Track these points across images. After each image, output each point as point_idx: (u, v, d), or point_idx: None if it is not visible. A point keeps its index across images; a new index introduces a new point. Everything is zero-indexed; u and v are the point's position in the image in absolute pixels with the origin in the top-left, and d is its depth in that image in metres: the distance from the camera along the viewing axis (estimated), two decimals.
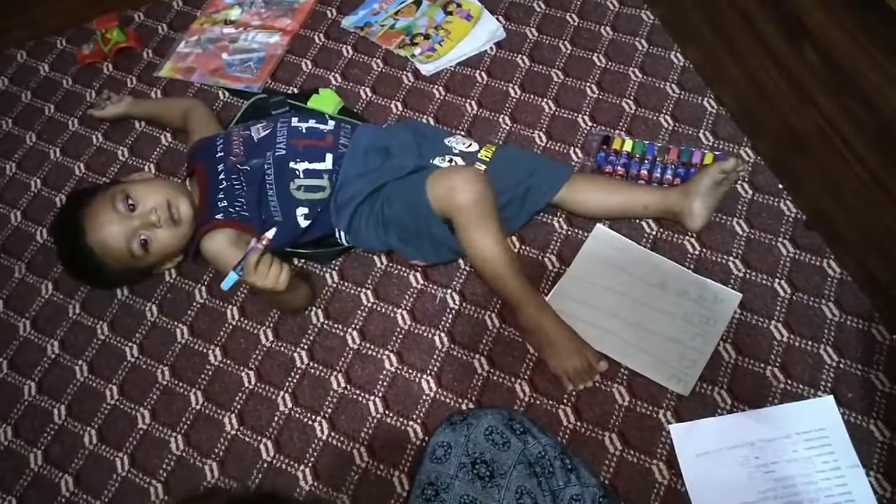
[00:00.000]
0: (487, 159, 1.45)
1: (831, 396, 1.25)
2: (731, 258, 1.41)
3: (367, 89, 1.73)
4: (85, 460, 1.38)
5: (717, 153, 1.49)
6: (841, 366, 1.28)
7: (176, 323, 1.49)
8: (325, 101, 1.66)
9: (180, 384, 1.42)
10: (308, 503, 0.52)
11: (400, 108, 1.69)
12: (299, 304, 1.43)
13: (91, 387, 1.45)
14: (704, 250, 1.42)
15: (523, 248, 1.47)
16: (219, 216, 1.41)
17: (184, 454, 1.36)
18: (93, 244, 1.38)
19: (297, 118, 1.49)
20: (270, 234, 1.23)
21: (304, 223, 1.44)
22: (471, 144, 1.48)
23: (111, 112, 1.72)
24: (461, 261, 1.46)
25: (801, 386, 1.28)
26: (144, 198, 1.40)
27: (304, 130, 1.47)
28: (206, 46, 1.86)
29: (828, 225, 1.39)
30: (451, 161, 1.44)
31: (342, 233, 1.45)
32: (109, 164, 1.71)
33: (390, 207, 1.39)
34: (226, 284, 1.24)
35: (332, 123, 1.50)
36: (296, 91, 1.75)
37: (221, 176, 1.44)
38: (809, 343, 1.31)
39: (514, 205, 1.43)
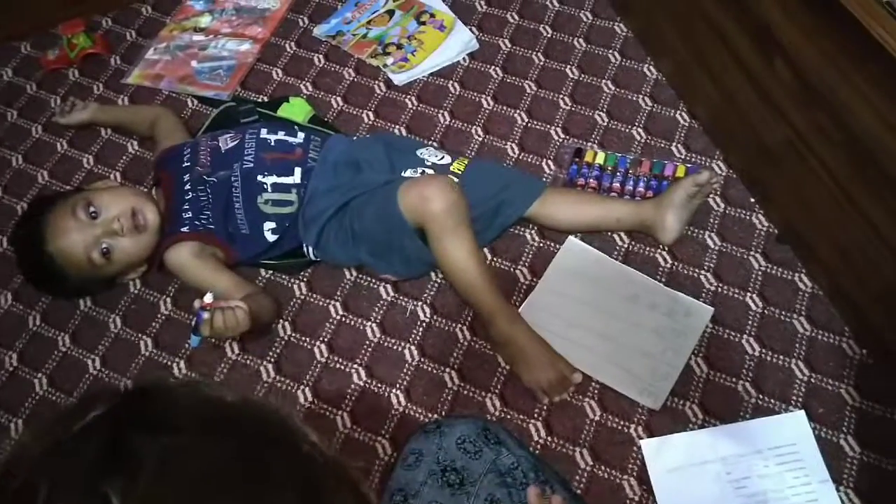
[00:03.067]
0: (460, 172, 1.43)
1: (802, 411, 1.25)
2: (702, 272, 1.40)
3: (339, 98, 1.71)
4: None
5: (689, 166, 1.49)
6: (812, 380, 1.28)
7: (140, 335, 1.45)
8: (296, 109, 1.64)
9: None
10: (181, 385, 0.49)
11: (372, 118, 1.67)
12: (266, 321, 1.40)
13: (51, 400, 1.41)
14: (676, 263, 1.41)
15: (495, 259, 1.45)
16: (184, 228, 1.39)
17: None
18: (53, 252, 1.35)
19: (265, 130, 1.47)
20: (208, 297, 1.22)
21: (271, 237, 1.41)
22: (443, 157, 1.46)
23: (76, 119, 1.69)
24: (432, 274, 1.44)
25: (772, 401, 1.27)
26: (108, 205, 1.37)
27: (272, 143, 1.45)
28: (175, 53, 1.83)
29: (799, 239, 1.39)
30: (422, 174, 1.42)
31: (310, 248, 1.43)
32: (74, 172, 1.67)
33: (360, 221, 1.37)
34: (193, 344, 1.24)
35: (301, 136, 1.47)
36: (266, 99, 1.72)
37: (187, 186, 1.42)
38: (781, 357, 1.31)
39: (486, 218, 1.41)
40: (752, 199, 1.46)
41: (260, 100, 1.72)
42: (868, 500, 1.18)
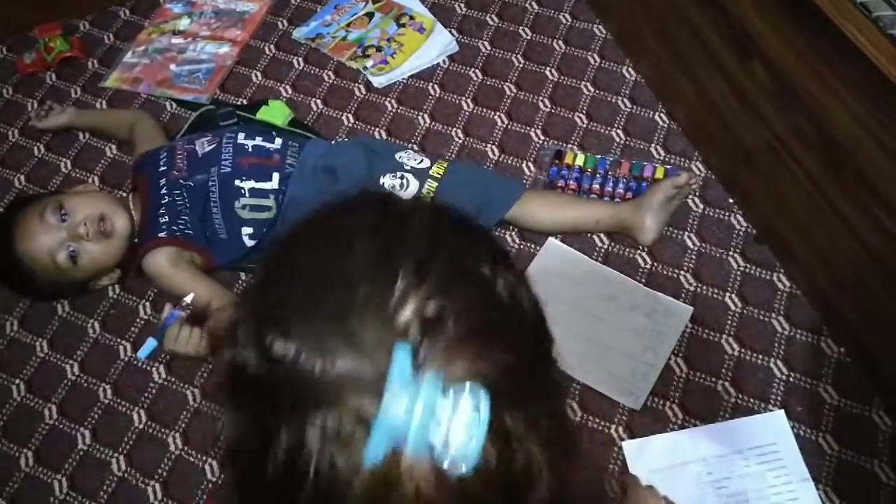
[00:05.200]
0: (439, 176, 1.42)
1: (782, 411, 1.25)
2: (682, 272, 1.41)
3: (318, 101, 1.71)
4: (21, 483, 1.32)
5: (668, 167, 1.50)
6: (791, 379, 1.29)
7: (119, 340, 1.44)
8: (275, 112, 1.63)
9: (123, 403, 1.38)
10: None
11: (351, 121, 1.67)
12: None
13: (28, 406, 1.39)
14: (656, 264, 1.42)
15: None
16: (161, 234, 1.38)
17: (125, 475, 1.31)
18: (21, 253, 1.34)
19: (243, 134, 1.46)
20: (188, 298, 1.22)
21: (249, 243, 1.41)
22: (422, 160, 1.45)
23: (53, 123, 1.67)
24: None
25: (752, 400, 1.28)
26: (76, 209, 1.36)
27: (250, 148, 1.44)
28: (153, 57, 1.82)
29: (777, 239, 1.40)
30: (402, 178, 1.41)
31: None
32: (51, 177, 1.65)
33: None
34: (143, 353, 1.23)
35: (279, 141, 1.46)
36: (245, 102, 1.71)
37: (164, 191, 1.41)
38: (760, 357, 1.31)
39: None
40: (731, 200, 1.47)
41: (239, 103, 1.71)
42: (845, 497, 1.19)
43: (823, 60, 1.13)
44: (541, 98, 1.65)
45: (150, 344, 1.21)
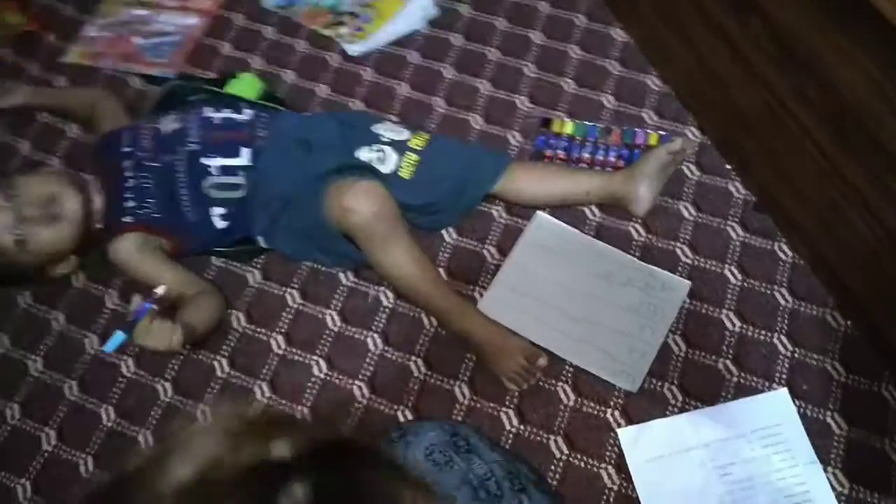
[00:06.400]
0: (419, 148, 1.34)
1: (785, 389, 1.19)
2: (678, 244, 1.33)
3: (291, 72, 1.61)
4: None
5: (661, 133, 1.42)
6: (796, 355, 1.22)
7: (85, 332, 1.36)
8: (245, 85, 1.54)
9: (90, 399, 1.30)
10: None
11: (326, 92, 1.58)
12: (208, 332, 1.30)
13: None
14: (650, 236, 1.34)
15: (460, 239, 1.37)
16: (127, 219, 1.30)
17: (94, 477, 1.24)
18: None
19: (210, 108, 1.37)
20: (161, 289, 1.14)
21: (220, 224, 1.33)
22: (401, 132, 1.36)
23: (7, 102, 1.57)
24: None
25: (754, 378, 1.21)
26: (25, 188, 1.27)
27: (217, 122, 1.35)
28: (116, 30, 1.72)
29: (778, 207, 1.32)
30: (379, 151, 1.33)
31: (260, 237, 1.34)
32: (9, 159, 1.56)
33: (300, 221, 1.30)
34: (109, 346, 1.13)
35: (248, 113, 1.37)
36: (214, 76, 1.62)
37: (128, 173, 1.32)
38: (762, 332, 1.24)
39: (451, 199, 1.34)
40: (728, 167, 1.39)
41: (208, 77, 1.62)
42: (856, 479, 1.13)
43: (829, 14, 1.04)
44: (526, 63, 1.56)
45: (118, 337, 1.13)
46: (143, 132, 1.36)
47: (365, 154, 1.33)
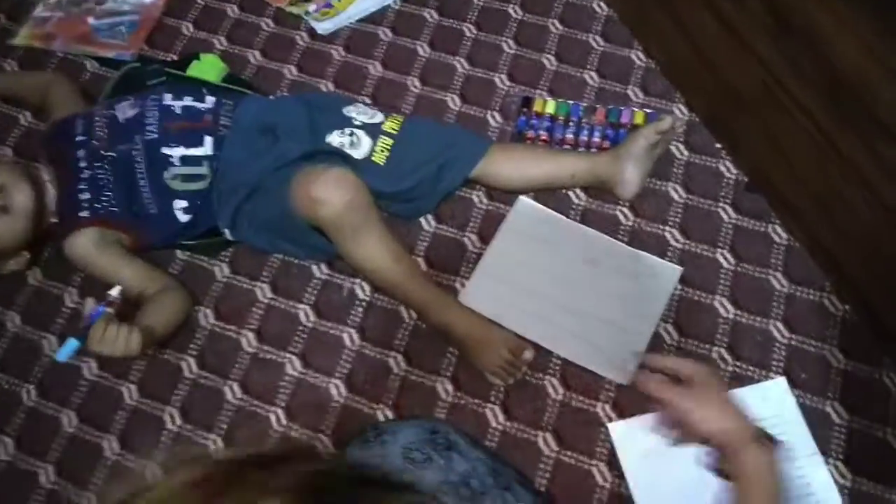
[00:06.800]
0: (394, 132, 1.26)
1: (783, 378, 1.14)
2: (667, 227, 1.27)
3: (257, 53, 1.53)
4: None
5: (648, 111, 1.35)
6: (793, 342, 1.17)
7: (42, 333, 1.29)
8: (207, 67, 1.46)
9: (49, 405, 1.23)
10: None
11: (294, 73, 1.50)
12: (169, 334, 1.22)
13: None
14: (639, 220, 1.28)
15: (439, 227, 1.31)
16: (83, 213, 1.22)
17: (56, 487, 1.17)
18: None
19: (170, 95, 1.28)
20: (115, 291, 1.08)
21: (183, 217, 1.25)
22: (374, 115, 1.29)
23: None
24: None
25: (750, 367, 1.16)
26: None
27: (178, 111, 1.27)
28: (69, 10, 1.63)
29: (771, 187, 1.27)
30: (352, 135, 1.25)
31: (226, 230, 1.27)
32: None
33: (266, 212, 1.22)
34: (62, 355, 1.07)
35: (210, 100, 1.29)
36: (175, 58, 1.53)
37: (83, 164, 1.24)
38: (757, 318, 1.19)
39: (427, 184, 1.27)
40: (719, 146, 1.33)
41: (168, 59, 1.53)
42: (859, 471, 1.08)
43: None
44: (504, 39, 1.48)
45: (71, 344, 1.06)
46: (98, 120, 1.28)
47: (336, 139, 1.25)
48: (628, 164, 1.25)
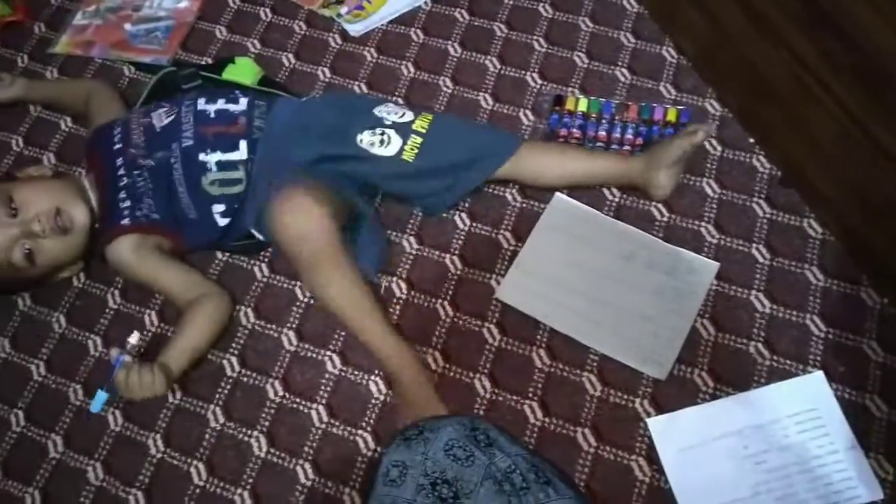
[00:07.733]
0: (423, 130, 1.27)
1: (821, 372, 1.13)
2: (703, 223, 1.27)
3: (290, 55, 1.55)
4: None
5: (680, 108, 1.35)
6: (830, 336, 1.17)
7: (87, 334, 1.31)
8: (243, 70, 1.48)
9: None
10: None
11: (328, 75, 1.51)
12: (209, 342, 1.24)
13: None
14: (674, 216, 1.29)
15: (473, 225, 1.32)
16: (124, 221, 1.25)
17: (104, 483, 1.20)
18: None
19: (203, 99, 1.30)
20: (134, 339, 1.11)
21: (222, 221, 1.27)
22: (404, 114, 1.29)
23: (5, 95, 1.51)
24: (406, 244, 1.31)
25: (787, 362, 1.16)
26: (28, 202, 1.22)
27: (212, 115, 1.29)
28: (105, 17, 1.66)
29: (805, 180, 1.26)
30: (382, 135, 1.26)
31: (255, 230, 1.29)
32: (2, 156, 1.51)
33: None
34: (95, 407, 1.12)
35: (244, 101, 1.31)
36: (209, 62, 1.56)
37: (121, 172, 1.27)
38: (794, 313, 1.19)
39: (455, 178, 1.27)
40: (752, 140, 1.33)
41: (203, 62, 1.56)
42: None
43: None
44: (535, 37, 1.49)
45: (101, 397, 1.11)
46: (135, 127, 1.30)
47: (367, 138, 1.26)
48: (661, 171, 1.25)
